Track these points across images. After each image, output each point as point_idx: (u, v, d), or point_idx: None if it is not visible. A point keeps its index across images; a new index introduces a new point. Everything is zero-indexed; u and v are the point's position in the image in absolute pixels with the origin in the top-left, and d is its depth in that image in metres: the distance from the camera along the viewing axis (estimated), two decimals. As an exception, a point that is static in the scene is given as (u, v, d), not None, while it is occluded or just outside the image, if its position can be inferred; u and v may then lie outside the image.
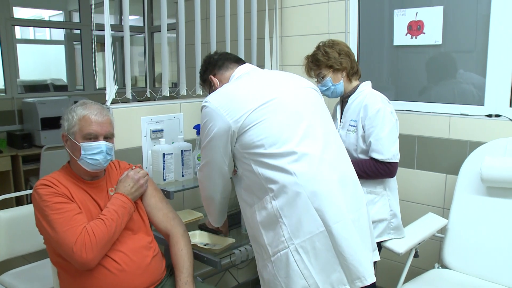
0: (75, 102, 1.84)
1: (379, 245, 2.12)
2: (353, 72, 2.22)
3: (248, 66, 1.90)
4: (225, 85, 1.80)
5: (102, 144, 1.75)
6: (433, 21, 2.55)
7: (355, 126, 2.14)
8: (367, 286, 1.62)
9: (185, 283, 1.80)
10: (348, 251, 1.57)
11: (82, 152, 1.73)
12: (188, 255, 1.88)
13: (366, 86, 2.21)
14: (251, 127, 1.61)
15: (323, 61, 2.19)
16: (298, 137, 1.63)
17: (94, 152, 1.74)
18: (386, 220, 2.12)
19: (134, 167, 1.93)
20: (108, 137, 1.79)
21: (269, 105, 1.65)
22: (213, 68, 1.93)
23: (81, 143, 1.73)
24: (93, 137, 1.75)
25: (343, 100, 2.28)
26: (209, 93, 1.94)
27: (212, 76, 1.92)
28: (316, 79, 2.26)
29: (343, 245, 1.57)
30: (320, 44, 2.26)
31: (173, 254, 1.88)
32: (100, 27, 2.21)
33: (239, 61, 1.93)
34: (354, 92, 2.21)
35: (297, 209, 1.58)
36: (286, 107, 1.67)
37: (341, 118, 2.25)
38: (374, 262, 1.74)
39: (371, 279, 1.61)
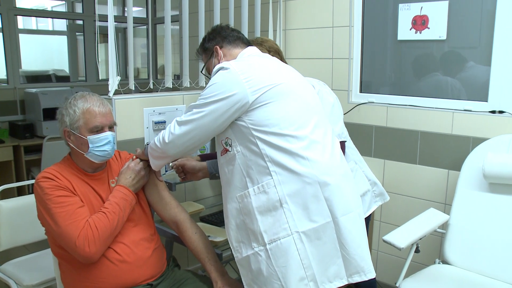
0: (76, 92, 1.83)
1: (368, 217, 2.20)
2: None
3: (256, 49, 1.85)
4: (242, 58, 1.75)
5: (108, 134, 1.75)
6: (438, 16, 2.54)
7: None
8: (367, 281, 1.62)
9: (215, 262, 1.82)
10: (352, 244, 1.56)
11: (90, 146, 1.72)
12: (204, 236, 1.89)
13: None
14: (268, 103, 1.55)
15: None
16: (312, 125, 1.60)
17: (103, 144, 1.74)
18: (369, 191, 2.16)
19: (134, 156, 1.93)
20: (111, 127, 1.79)
21: (286, 87, 1.61)
22: (223, 40, 1.84)
23: (88, 137, 1.72)
24: (99, 129, 1.74)
25: None
26: (204, 65, 1.92)
27: (218, 47, 1.83)
28: None
29: (348, 238, 1.56)
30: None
31: (187, 239, 1.87)
32: (103, 18, 2.20)
33: (248, 44, 1.88)
34: None
35: (306, 196, 1.54)
36: (300, 95, 1.65)
37: None
38: None
39: (371, 274, 1.60)
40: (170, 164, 2.13)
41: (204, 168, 2.08)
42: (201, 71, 1.96)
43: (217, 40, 1.85)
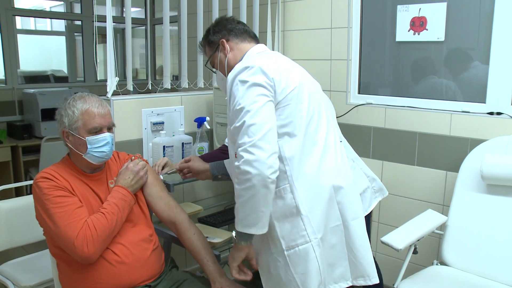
0: (75, 93, 1.82)
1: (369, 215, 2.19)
2: None
3: (265, 46, 1.79)
4: (255, 55, 1.67)
5: (107, 135, 1.75)
6: (436, 17, 2.54)
7: None
8: (376, 285, 1.63)
9: (213, 263, 1.82)
10: (360, 249, 1.57)
11: (89, 147, 1.72)
12: (203, 237, 1.90)
13: None
14: (289, 104, 1.51)
15: None
16: (325, 128, 1.59)
17: (101, 145, 1.73)
18: (369, 187, 2.16)
19: (133, 157, 1.92)
20: (110, 128, 1.79)
21: (305, 88, 1.57)
22: (229, 33, 1.76)
23: (86, 138, 1.72)
24: (98, 130, 1.74)
25: None
26: (208, 59, 1.85)
27: (224, 41, 1.75)
28: None
29: (356, 242, 1.56)
30: None
31: (185, 240, 1.88)
32: (102, 18, 2.21)
33: (256, 38, 1.82)
34: None
35: (323, 201, 1.53)
36: (316, 96, 1.62)
37: None
38: None
39: (375, 279, 1.61)
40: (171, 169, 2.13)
41: (207, 170, 2.06)
42: (205, 65, 1.91)
43: (223, 33, 1.77)
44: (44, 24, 7.02)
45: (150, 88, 2.47)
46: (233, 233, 1.55)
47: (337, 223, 1.55)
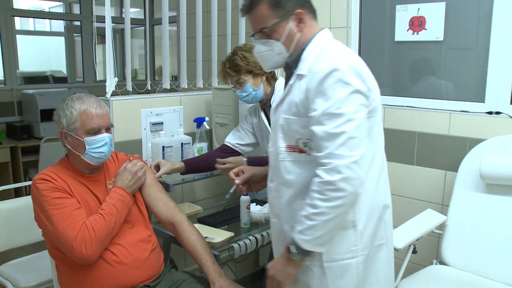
0: (74, 93, 1.82)
1: None
2: (271, 76, 2.19)
3: (330, 32, 1.50)
4: (338, 46, 1.45)
5: (105, 136, 1.75)
6: (435, 17, 2.54)
7: None
8: None
9: (212, 263, 1.81)
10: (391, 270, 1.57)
11: (87, 147, 1.72)
12: (202, 238, 1.89)
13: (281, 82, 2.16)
14: (372, 117, 1.40)
15: (242, 66, 2.09)
16: (383, 142, 1.51)
17: (99, 145, 1.73)
18: None
19: (131, 158, 1.92)
20: (108, 128, 1.79)
21: (379, 97, 1.45)
22: (304, 3, 1.44)
23: (84, 138, 1.72)
24: (96, 131, 1.74)
25: (265, 106, 2.24)
26: (272, 25, 1.41)
27: (304, 13, 1.43)
28: (233, 86, 2.19)
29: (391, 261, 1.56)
30: (236, 48, 2.16)
31: (184, 241, 1.87)
32: (101, 19, 2.21)
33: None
34: (273, 93, 2.17)
35: (374, 219, 1.46)
36: (380, 105, 1.49)
37: (270, 125, 2.12)
38: None
39: None
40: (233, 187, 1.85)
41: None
42: (256, 33, 1.47)
43: (300, 2, 1.43)
44: (43, 24, 7.02)
45: (149, 89, 2.47)
46: (293, 249, 1.38)
47: (382, 242, 1.51)
